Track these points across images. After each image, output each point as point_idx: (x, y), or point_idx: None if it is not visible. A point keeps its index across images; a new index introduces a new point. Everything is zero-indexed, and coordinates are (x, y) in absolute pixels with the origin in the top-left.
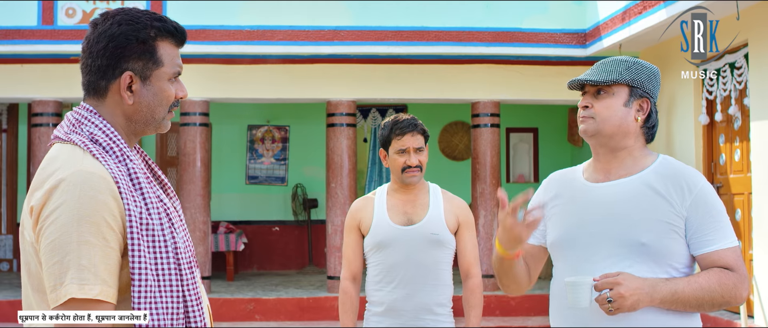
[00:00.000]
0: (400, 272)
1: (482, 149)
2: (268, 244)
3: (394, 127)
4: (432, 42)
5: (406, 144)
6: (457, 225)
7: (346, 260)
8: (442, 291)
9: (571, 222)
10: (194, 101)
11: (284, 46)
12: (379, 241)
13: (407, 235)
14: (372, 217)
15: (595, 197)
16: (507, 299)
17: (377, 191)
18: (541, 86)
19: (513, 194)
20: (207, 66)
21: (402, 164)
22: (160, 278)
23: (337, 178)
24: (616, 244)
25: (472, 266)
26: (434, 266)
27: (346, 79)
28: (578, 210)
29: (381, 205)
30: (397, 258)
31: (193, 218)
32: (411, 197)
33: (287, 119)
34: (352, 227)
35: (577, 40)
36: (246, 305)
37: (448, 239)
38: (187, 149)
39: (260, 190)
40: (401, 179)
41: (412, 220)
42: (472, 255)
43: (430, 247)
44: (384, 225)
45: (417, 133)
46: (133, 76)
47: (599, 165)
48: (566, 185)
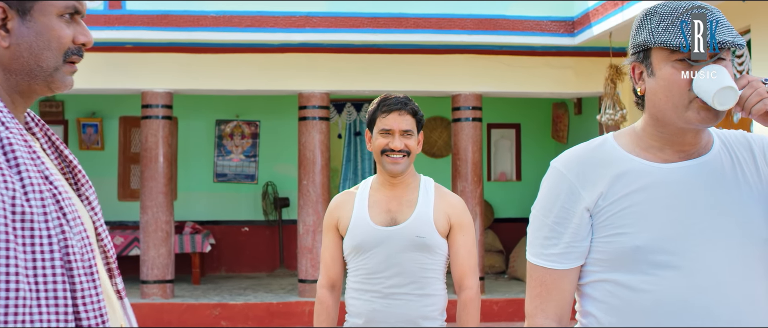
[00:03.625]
0: (380, 279)
1: (463, 145)
2: (237, 245)
3: (381, 104)
4: (410, 30)
5: (391, 124)
6: (448, 227)
7: (323, 265)
8: (429, 302)
9: (668, 218)
10: (156, 93)
11: (252, 33)
12: (358, 243)
13: (389, 237)
14: (351, 215)
15: (683, 181)
16: (489, 304)
17: (361, 185)
18: (526, 78)
19: (494, 192)
20: (170, 55)
21: (383, 145)
22: (40, 283)
23: (309, 175)
24: (736, 242)
25: (466, 277)
26: (420, 273)
27: (319, 70)
28: (669, 202)
29: (362, 201)
30: (376, 263)
31: (155, 217)
32: (397, 192)
33: (258, 114)
34: (329, 226)
35: (565, 28)
36: (211, 310)
37: (436, 242)
38: (149, 144)
39: (229, 188)
40: (383, 166)
41: (395, 219)
42: (466, 264)
43: (414, 251)
44: (363, 225)
45: (406, 113)
46: (6, 9)
47: (666, 140)
48: (623, 169)
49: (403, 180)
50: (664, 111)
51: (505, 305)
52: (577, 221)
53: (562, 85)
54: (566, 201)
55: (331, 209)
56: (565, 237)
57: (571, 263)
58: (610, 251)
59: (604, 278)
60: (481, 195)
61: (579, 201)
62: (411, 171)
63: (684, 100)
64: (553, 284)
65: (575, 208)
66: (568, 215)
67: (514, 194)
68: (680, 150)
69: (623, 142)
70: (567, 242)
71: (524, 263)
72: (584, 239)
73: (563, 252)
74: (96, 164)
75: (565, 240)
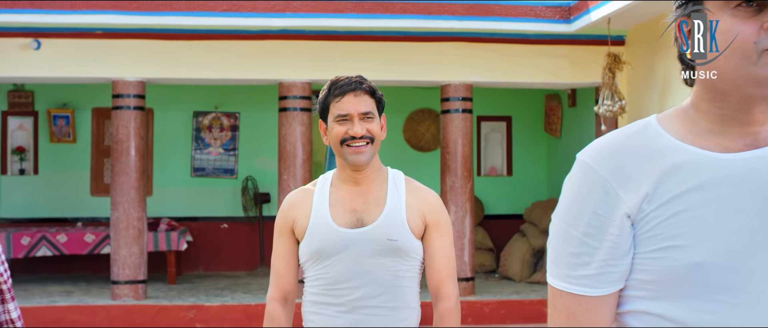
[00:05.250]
0: (345, 290)
1: (452, 138)
2: (216, 242)
3: (333, 87)
4: (397, 15)
5: (347, 108)
6: (423, 227)
7: (274, 274)
8: (404, 316)
9: (735, 226)
10: (127, 82)
11: (228, 18)
12: (318, 249)
13: (355, 241)
14: (309, 215)
15: (751, 176)
16: (480, 305)
17: (319, 181)
18: (519, 68)
19: (484, 188)
20: (141, 41)
21: (342, 134)
22: None
23: (289, 169)
24: None
25: (444, 284)
26: (393, 282)
27: (300, 58)
28: (735, 204)
29: (322, 199)
30: (341, 272)
31: (126, 214)
32: (362, 188)
33: (237, 105)
34: (283, 229)
35: (561, 15)
36: (186, 312)
37: (411, 245)
38: (120, 136)
39: (207, 183)
40: (344, 157)
41: (362, 220)
42: (444, 269)
43: (385, 257)
44: (324, 227)
45: (363, 93)
46: None
47: (728, 120)
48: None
49: (369, 174)
50: (725, 74)
51: (496, 307)
52: (616, 232)
53: (557, 75)
54: (600, 206)
55: (285, 208)
56: (599, 253)
57: (608, 287)
58: (658, 270)
59: (648, 309)
60: (472, 190)
61: (617, 206)
62: (376, 163)
63: (751, 55)
64: (584, 315)
65: (612, 215)
66: (602, 224)
67: (505, 189)
68: (746, 132)
69: (671, 127)
70: (602, 259)
71: (515, 262)
72: (625, 256)
73: (598, 273)
74: (68, 158)
75: (599, 257)
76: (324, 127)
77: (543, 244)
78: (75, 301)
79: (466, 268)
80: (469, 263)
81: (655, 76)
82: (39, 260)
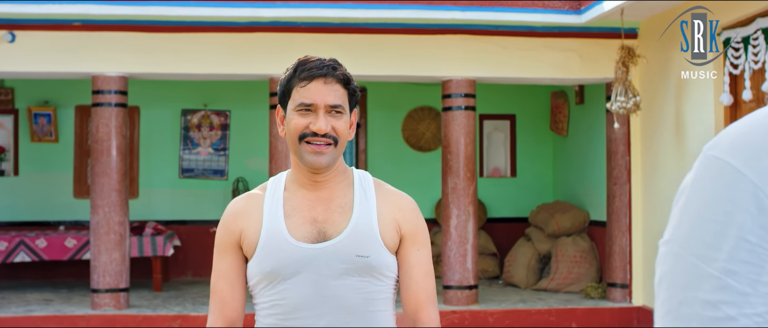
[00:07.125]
0: (306, 318)
1: (454, 137)
2: (205, 247)
3: (299, 69)
4: (395, 5)
5: (313, 96)
6: (398, 239)
7: (216, 299)
8: None
9: None
10: (108, 77)
11: (215, 8)
12: (272, 269)
13: (317, 258)
14: (259, 228)
15: None
16: (484, 315)
17: (268, 185)
18: (525, 62)
19: (487, 190)
20: (123, 34)
21: (302, 127)
22: None
23: (280, 169)
24: None
25: (424, 307)
26: (364, 307)
27: (293, 52)
28: None
29: (274, 208)
30: (300, 297)
31: (107, 217)
32: (323, 193)
33: (227, 103)
34: (228, 244)
35: (570, 5)
36: (170, 322)
37: (384, 262)
38: (100, 135)
39: (196, 185)
40: (300, 156)
41: (325, 233)
42: (423, 290)
43: (354, 276)
44: (278, 242)
45: (334, 82)
46: None
47: None
48: None
49: (330, 176)
50: None
51: (501, 316)
52: None
53: (565, 71)
54: (751, 229)
55: (228, 220)
56: (751, 302)
57: None
58: None
59: None
60: (475, 193)
61: None
62: (340, 165)
63: None
64: None
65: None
66: (755, 256)
67: (509, 191)
68: None
69: None
70: (757, 313)
71: (520, 268)
72: None
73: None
74: (50, 158)
75: (751, 310)
76: (281, 115)
77: (549, 249)
78: (53, 310)
79: (470, 275)
80: (472, 271)
81: (669, 72)
82: (18, 265)
